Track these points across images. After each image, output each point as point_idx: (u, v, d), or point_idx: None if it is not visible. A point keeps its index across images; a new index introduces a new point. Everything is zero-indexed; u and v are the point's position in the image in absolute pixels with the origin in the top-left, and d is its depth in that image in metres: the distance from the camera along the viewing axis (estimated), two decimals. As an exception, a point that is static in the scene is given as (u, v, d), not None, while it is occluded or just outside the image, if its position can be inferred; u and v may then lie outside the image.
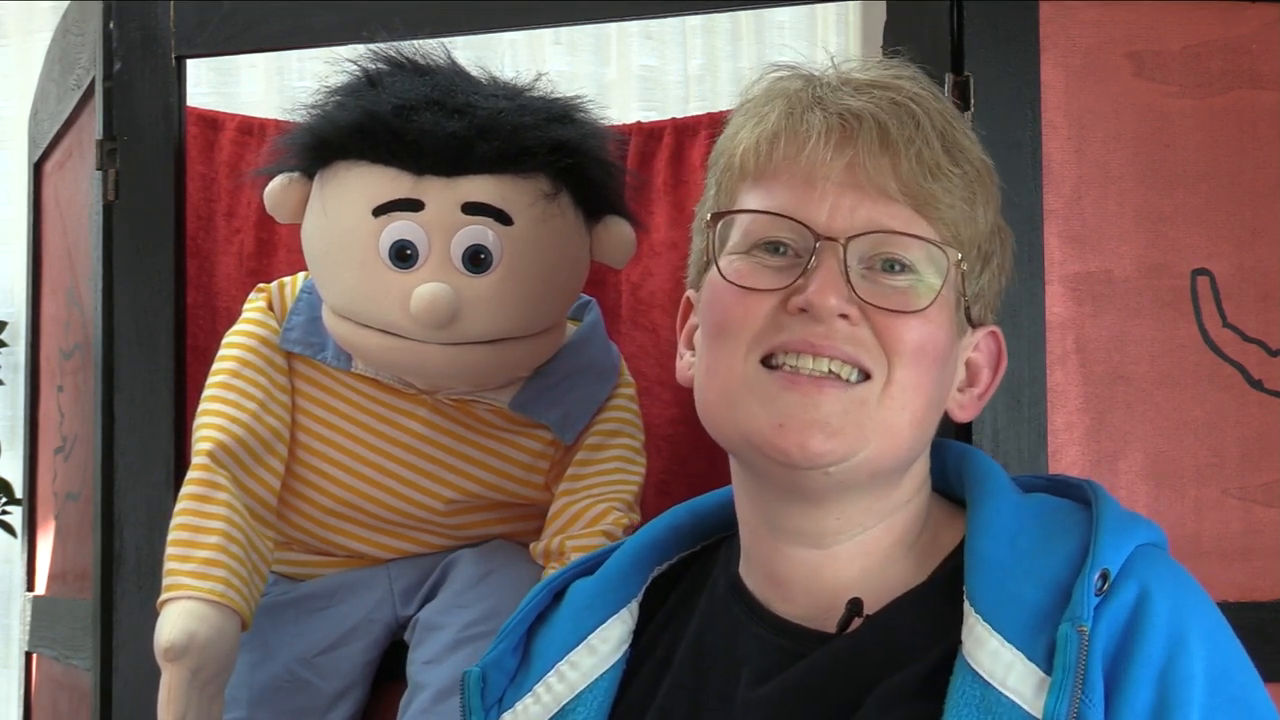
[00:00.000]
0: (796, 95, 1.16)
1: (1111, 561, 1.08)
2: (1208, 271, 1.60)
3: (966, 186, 1.15)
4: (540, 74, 1.69)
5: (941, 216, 1.14)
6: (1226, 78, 1.61)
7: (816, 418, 1.10)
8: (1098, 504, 1.13)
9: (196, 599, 1.57)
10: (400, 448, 1.70)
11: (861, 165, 1.12)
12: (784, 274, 1.13)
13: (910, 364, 1.12)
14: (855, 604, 1.13)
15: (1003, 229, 1.21)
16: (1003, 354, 1.23)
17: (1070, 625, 1.04)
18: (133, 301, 1.84)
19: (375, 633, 1.72)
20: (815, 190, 1.13)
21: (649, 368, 2.09)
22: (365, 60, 1.65)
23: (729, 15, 3.32)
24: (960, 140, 1.16)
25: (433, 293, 1.55)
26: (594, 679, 1.20)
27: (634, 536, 1.29)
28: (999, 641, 1.06)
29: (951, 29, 1.60)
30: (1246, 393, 1.60)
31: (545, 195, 1.60)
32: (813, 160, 1.13)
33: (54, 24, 2.25)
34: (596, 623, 1.22)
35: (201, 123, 2.20)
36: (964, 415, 1.21)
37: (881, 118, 1.13)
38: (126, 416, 1.83)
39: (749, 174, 1.17)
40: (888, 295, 1.12)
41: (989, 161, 1.20)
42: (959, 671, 1.06)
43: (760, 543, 1.19)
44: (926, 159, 1.13)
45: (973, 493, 1.17)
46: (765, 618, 1.18)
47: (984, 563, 1.10)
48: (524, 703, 1.21)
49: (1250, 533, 1.58)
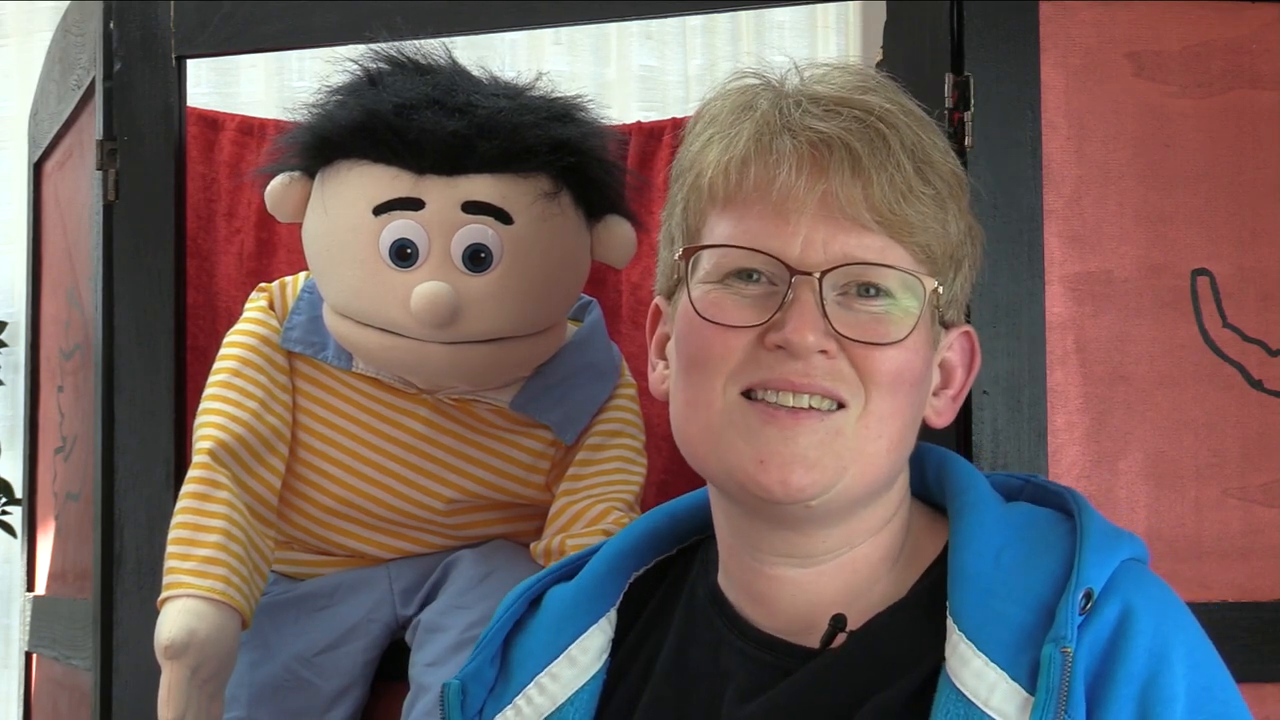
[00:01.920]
0: (765, 118, 1.15)
1: (1095, 580, 1.08)
2: (1208, 271, 1.60)
3: (938, 204, 1.14)
4: (541, 74, 1.69)
5: (916, 240, 1.13)
6: (1226, 78, 1.61)
7: (796, 451, 1.10)
8: (1081, 518, 1.13)
9: (197, 597, 1.57)
10: (401, 447, 1.70)
11: (834, 196, 1.12)
12: (759, 305, 1.13)
13: (887, 393, 1.12)
14: (839, 619, 1.13)
15: (973, 228, 1.20)
16: (976, 354, 1.22)
17: (1054, 646, 1.04)
18: (133, 301, 1.84)
19: (375, 632, 1.72)
20: (788, 223, 1.12)
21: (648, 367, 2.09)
22: (366, 59, 1.65)
23: (729, 15, 3.32)
24: (931, 154, 1.15)
25: (433, 291, 1.55)
26: (575, 690, 1.20)
27: (610, 542, 1.28)
28: (983, 661, 1.06)
29: (951, 29, 1.60)
30: (1246, 393, 1.60)
31: (546, 194, 1.60)
32: (784, 191, 1.12)
33: (54, 24, 2.25)
34: (576, 633, 1.21)
35: (201, 123, 2.20)
36: (940, 421, 1.21)
37: (852, 143, 1.12)
38: (126, 416, 1.83)
39: (718, 199, 1.16)
40: (865, 325, 1.12)
41: (959, 167, 1.18)
42: (942, 690, 1.07)
43: (740, 561, 1.19)
44: (899, 183, 1.12)
45: (955, 504, 1.17)
46: (747, 631, 1.18)
47: (968, 580, 1.10)
48: (504, 715, 1.21)
49: (1250, 533, 1.58)
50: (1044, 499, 1.19)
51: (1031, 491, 1.21)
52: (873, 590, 1.16)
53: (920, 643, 1.11)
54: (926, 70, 1.59)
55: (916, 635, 1.11)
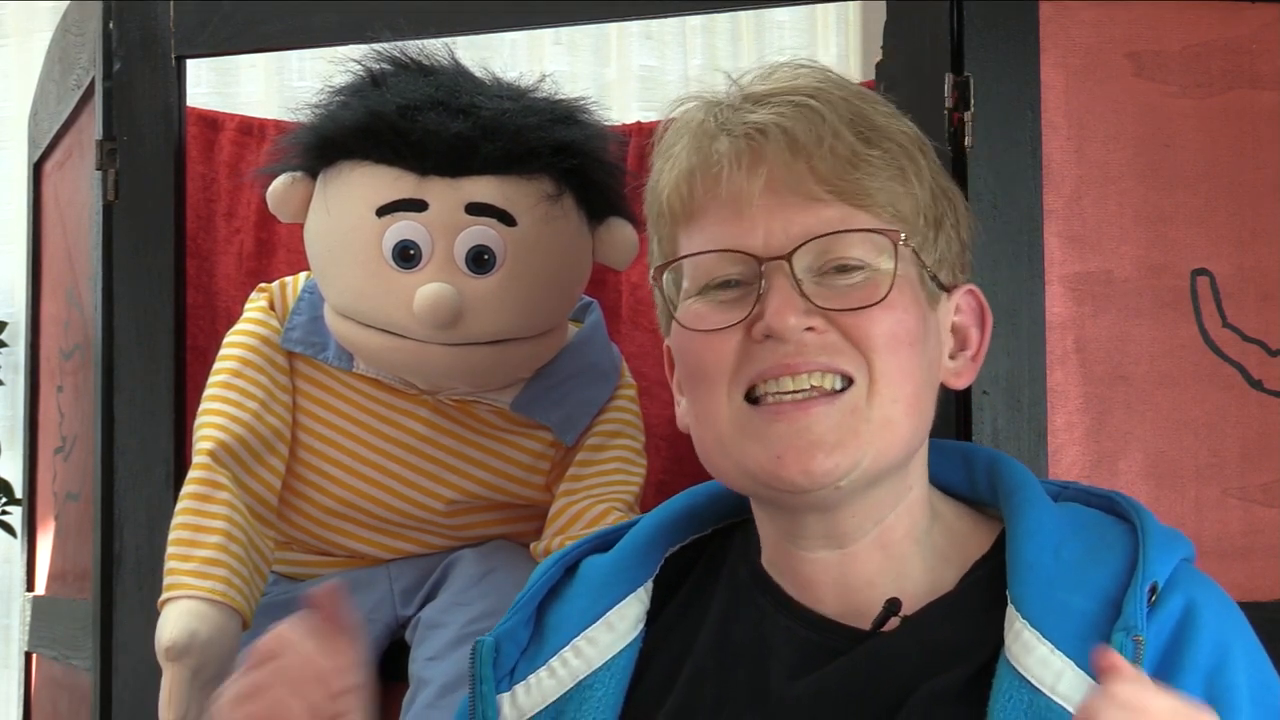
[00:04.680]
0: (701, 126, 1.16)
1: (1160, 574, 1.09)
2: (1208, 271, 1.60)
3: (891, 164, 1.14)
4: (544, 75, 1.69)
5: (875, 201, 1.13)
6: (1226, 78, 1.61)
7: (812, 439, 1.11)
8: (1139, 518, 1.14)
9: (197, 598, 1.57)
10: (401, 448, 1.70)
11: (778, 178, 1.12)
12: (740, 305, 1.13)
13: (887, 355, 1.12)
14: (893, 603, 1.13)
15: (948, 189, 1.20)
16: (985, 310, 1.22)
17: (1125, 634, 1.05)
18: (133, 301, 1.84)
19: (375, 633, 1.72)
20: (744, 218, 1.13)
21: (649, 368, 2.09)
22: (369, 60, 1.65)
23: (729, 15, 3.32)
24: (874, 119, 1.15)
25: (436, 293, 1.55)
26: (610, 656, 1.20)
27: (650, 516, 1.28)
28: (1048, 648, 1.06)
29: (951, 29, 1.60)
30: (1246, 393, 1.60)
31: (549, 196, 1.60)
32: (732, 188, 1.13)
33: (54, 24, 2.25)
34: (614, 600, 1.22)
35: (201, 123, 2.20)
36: (960, 382, 1.21)
37: (785, 124, 1.12)
38: (126, 416, 1.83)
39: (679, 217, 1.17)
40: (845, 295, 1.12)
41: (912, 129, 1.18)
42: (1002, 676, 1.07)
43: (781, 550, 1.20)
44: (840, 152, 1.12)
45: (1011, 500, 1.17)
46: (794, 610, 1.18)
47: (1029, 570, 1.11)
48: (538, 675, 1.21)
49: (1250, 533, 1.59)
50: (1088, 502, 1.20)
51: (1072, 495, 1.22)
52: (904, 569, 1.16)
53: (974, 634, 1.11)
54: (926, 70, 1.59)
55: (970, 626, 1.12)
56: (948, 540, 1.19)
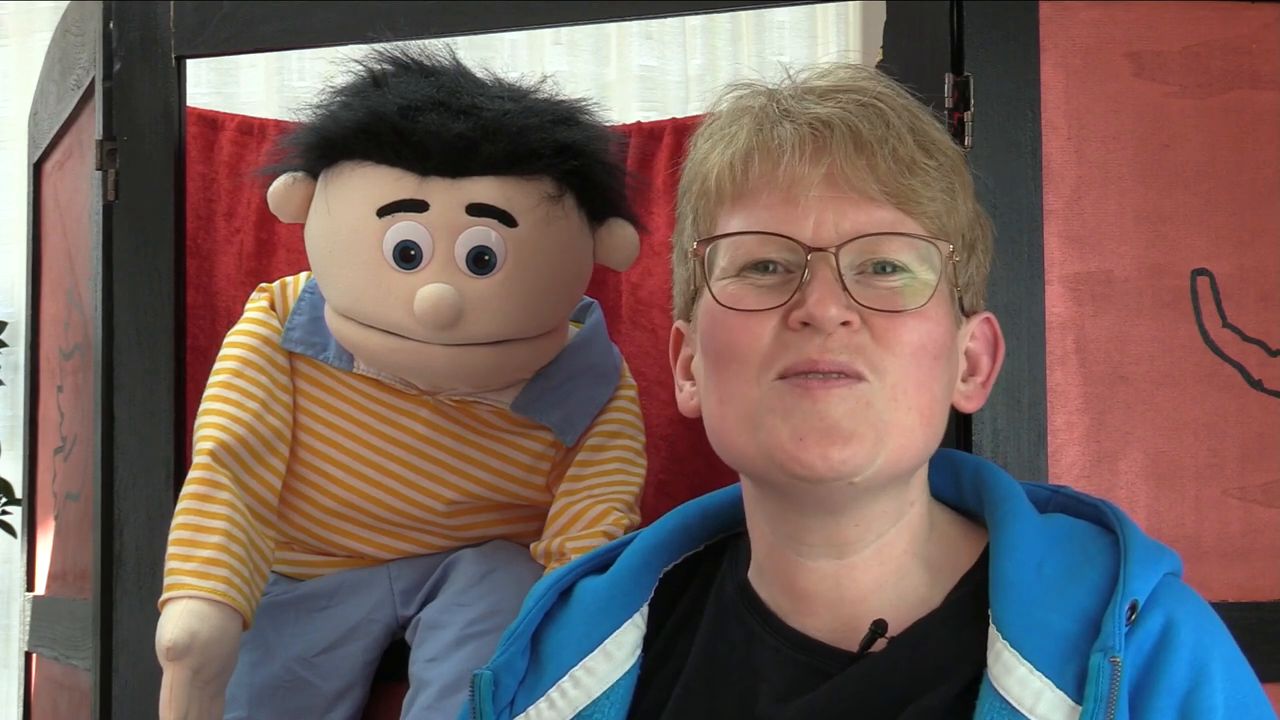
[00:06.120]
0: (763, 110, 1.16)
1: (1140, 592, 1.09)
2: (1208, 271, 1.60)
3: (944, 178, 1.15)
4: (545, 76, 1.69)
5: (925, 210, 1.14)
6: (1226, 78, 1.61)
7: (831, 423, 1.10)
8: (1123, 531, 1.14)
9: (198, 598, 1.57)
10: (401, 448, 1.70)
11: (840, 172, 1.12)
12: (778, 291, 1.13)
13: (910, 364, 1.12)
14: (879, 625, 1.13)
15: (980, 215, 1.21)
16: (999, 340, 1.23)
17: (1103, 655, 1.05)
18: (133, 301, 1.84)
19: (375, 633, 1.72)
20: (798, 205, 1.13)
21: (648, 368, 2.09)
22: (370, 60, 1.65)
23: (729, 15, 3.32)
24: (930, 133, 1.16)
25: (437, 294, 1.55)
26: (609, 685, 1.19)
27: (642, 536, 1.28)
28: (1028, 669, 1.06)
29: (951, 29, 1.60)
30: (1246, 393, 1.60)
31: (550, 197, 1.60)
32: (790, 174, 1.13)
33: (54, 24, 2.25)
34: (611, 627, 1.21)
35: (201, 123, 2.20)
36: (970, 405, 1.21)
37: (851, 121, 1.13)
38: (126, 416, 1.83)
39: (726, 196, 1.17)
40: (884, 297, 1.12)
41: (960, 150, 1.20)
42: (985, 697, 1.07)
43: (779, 557, 1.19)
44: (902, 155, 1.13)
45: (995, 513, 1.17)
46: (782, 630, 1.18)
47: (1010, 589, 1.10)
48: (538, 707, 1.20)
49: (1250, 533, 1.59)
50: (1077, 510, 1.20)
51: (1061, 502, 1.22)
52: (901, 586, 1.16)
53: (960, 650, 1.11)
54: (926, 70, 1.59)
55: (956, 642, 1.12)
56: (942, 551, 1.19)
